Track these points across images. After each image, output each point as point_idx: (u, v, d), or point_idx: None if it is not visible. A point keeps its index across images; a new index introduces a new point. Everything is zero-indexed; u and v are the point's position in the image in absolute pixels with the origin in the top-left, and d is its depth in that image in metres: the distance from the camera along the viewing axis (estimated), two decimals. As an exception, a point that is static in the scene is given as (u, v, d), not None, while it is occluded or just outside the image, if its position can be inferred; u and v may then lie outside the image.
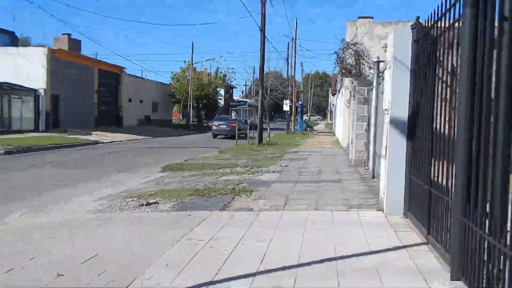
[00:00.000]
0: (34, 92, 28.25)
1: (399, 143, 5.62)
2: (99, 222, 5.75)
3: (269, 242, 4.49)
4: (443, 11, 4.49)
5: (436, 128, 4.87)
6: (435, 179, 4.63)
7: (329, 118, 77.94)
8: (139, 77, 44.35)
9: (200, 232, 4.98)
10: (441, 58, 5.03)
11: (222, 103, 62.88)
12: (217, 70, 51.38)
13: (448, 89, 4.68)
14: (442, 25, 4.62)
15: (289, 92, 38.27)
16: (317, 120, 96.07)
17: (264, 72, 27.39)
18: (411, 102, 5.53)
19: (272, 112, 69.40)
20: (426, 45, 5.13)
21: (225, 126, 29.84)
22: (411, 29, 5.57)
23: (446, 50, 4.70)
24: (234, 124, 25.60)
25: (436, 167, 4.57)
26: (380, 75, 9.02)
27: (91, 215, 6.29)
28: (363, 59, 19.69)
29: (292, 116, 39.02)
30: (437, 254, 3.95)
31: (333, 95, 49.29)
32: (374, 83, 9.15)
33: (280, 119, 77.09)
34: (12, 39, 37.46)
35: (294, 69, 37.46)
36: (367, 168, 10.85)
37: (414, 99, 5.48)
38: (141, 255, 4.17)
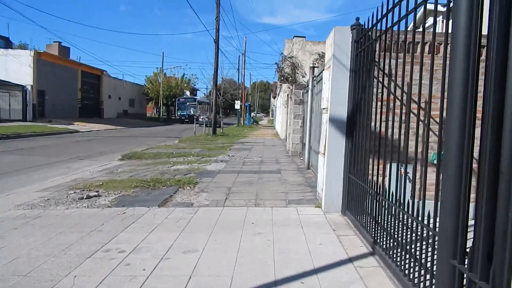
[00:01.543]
0: (22, 87, 25.05)
1: (337, 141, 4.21)
2: (21, 221, 3.92)
3: (199, 255, 2.92)
4: (383, 14, 3.15)
5: (374, 127, 3.54)
6: (373, 178, 3.28)
7: (271, 115, 77.02)
8: (117, 79, 40.84)
9: (124, 239, 3.32)
10: (379, 60, 3.73)
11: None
12: (183, 76, 48.78)
13: (386, 90, 3.40)
14: (380, 28, 3.34)
15: (239, 95, 36.58)
16: (262, 117, 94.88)
17: (220, 78, 25.60)
18: (350, 101, 4.14)
19: (228, 110, 67.39)
20: (366, 45, 3.75)
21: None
22: (351, 29, 4.15)
23: (384, 52, 3.36)
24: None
25: (376, 166, 3.22)
26: (314, 79, 7.63)
27: (20, 211, 4.41)
28: (298, 69, 18.49)
29: (242, 113, 37.47)
30: (391, 274, 2.57)
31: (274, 98, 48.22)
32: (310, 86, 7.75)
33: (234, 115, 75.54)
34: (7, 44, 33.13)
35: (244, 76, 35.89)
36: (301, 158, 9.52)
37: (353, 98, 4.09)
38: (31, 279, 2.48)
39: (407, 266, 2.37)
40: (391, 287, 2.40)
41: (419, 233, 2.28)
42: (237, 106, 32.01)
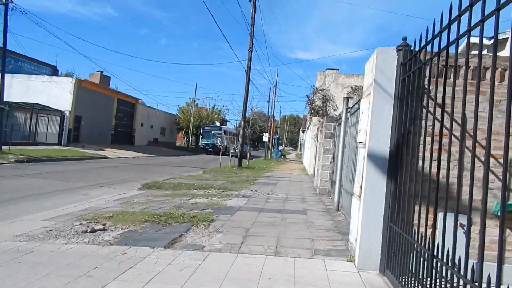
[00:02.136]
0: (60, 112, 26.15)
1: (377, 181, 3.52)
2: (10, 256, 3.47)
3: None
4: (436, 32, 2.60)
5: (422, 167, 2.87)
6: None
7: (299, 149, 76.16)
8: (151, 107, 42.12)
9: (113, 291, 2.75)
10: (429, 87, 3.13)
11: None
12: (214, 106, 49.63)
13: (437, 123, 2.76)
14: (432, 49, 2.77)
15: (268, 127, 36.38)
16: (290, 151, 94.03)
17: (249, 110, 25.52)
18: (393, 135, 3.49)
19: (256, 142, 67.31)
20: (415, 69, 3.17)
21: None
22: (397, 50, 3.58)
23: (436, 78, 2.77)
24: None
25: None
26: (348, 110, 7.03)
27: (16, 242, 3.99)
28: (329, 102, 17.94)
29: (270, 146, 37.07)
30: None
31: (303, 131, 47.65)
32: (343, 118, 7.14)
33: (262, 148, 75.34)
34: (54, 72, 35.39)
35: (273, 109, 35.85)
36: (330, 197, 8.72)
37: (397, 131, 3.44)
38: None
39: None
40: None
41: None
42: (265, 138, 31.65)
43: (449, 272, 2.33)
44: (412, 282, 2.80)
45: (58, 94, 26.45)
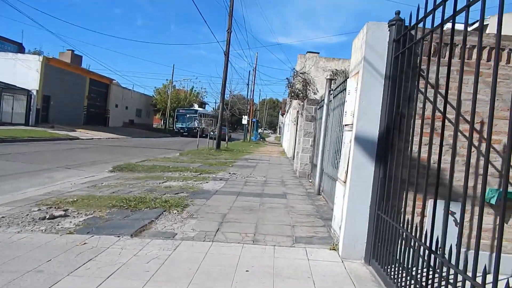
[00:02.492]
0: (27, 92, 24.67)
1: (365, 167, 3.25)
2: None
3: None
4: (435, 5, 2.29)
5: (410, 151, 2.62)
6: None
7: (278, 132, 76.23)
8: (126, 88, 40.57)
9: (65, 289, 2.37)
10: (421, 65, 2.85)
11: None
12: (192, 88, 48.49)
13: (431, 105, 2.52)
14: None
15: (247, 110, 35.90)
16: (269, 133, 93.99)
17: (228, 92, 24.94)
18: (384, 117, 3.20)
19: (235, 125, 66.67)
20: (409, 46, 2.88)
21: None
22: (389, 25, 3.26)
23: (428, 57, 2.50)
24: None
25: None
26: (331, 92, 6.74)
27: (-42, 232, 3.51)
28: (309, 85, 17.68)
29: (250, 128, 36.71)
30: None
31: (282, 115, 47.46)
32: (325, 100, 6.85)
33: (241, 131, 74.81)
34: (20, 49, 33.20)
35: (253, 92, 35.32)
36: (310, 181, 8.52)
37: (388, 113, 3.16)
38: None
39: None
40: None
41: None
42: (245, 121, 31.23)
43: (438, 261, 2.11)
44: (400, 272, 2.58)
45: (24, 72, 24.86)
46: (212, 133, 18.82)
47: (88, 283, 2.46)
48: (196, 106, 64.31)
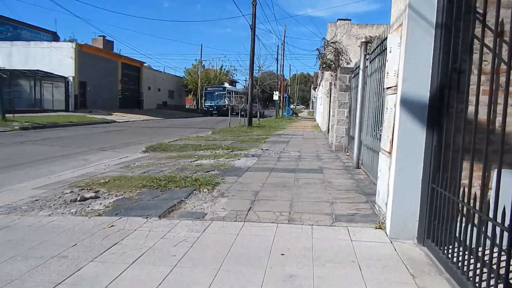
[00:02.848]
0: (64, 78, 25.56)
1: (414, 135, 2.80)
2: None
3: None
4: None
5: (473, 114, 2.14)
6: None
7: (311, 107, 74.72)
8: (157, 70, 41.07)
9: (89, 275, 2.21)
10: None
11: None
12: (221, 67, 48.12)
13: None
14: None
15: (278, 85, 35.14)
16: (302, 109, 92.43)
17: (257, 68, 24.36)
18: (436, 75, 2.70)
19: (267, 102, 65.91)
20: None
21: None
22: (441, -39, 2.70)
23: None
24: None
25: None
26: (367, 57, 6.14)
27: (-7, 216, 3.51)
28: (341, 55, 16.70)
29: (281, 104, 36.07)
30: None
31: (314, 89, 46.13)
32: (361, 65, 6.27)
33: (273, 107, 73.99)
34: (54, 38, 34.31)
35: (283, 67, 34.36)
36: (348, 154, 8.04)
37: (442, 70, 2.66)
38: None
39: None
40: None
41: None
42: (276, 97, 30.64)
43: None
44: (460, 252, 2.18)
45: (59, 60, 25.68)
46: (242, 111, 18.58)
47: (111, 269, 2.29)
48: (226, 84, 64.22)
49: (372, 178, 4.93)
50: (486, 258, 1.96)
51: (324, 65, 17.02)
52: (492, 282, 1.85)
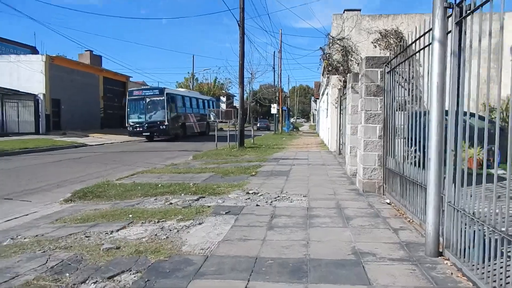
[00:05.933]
0: (33, 96, 22.63)
1: None
2: None
3: None
4: None
5: None
6: None
7: (312, 120, 71.90)
8: (144, 84, 38.29)
9: None
10: None
11: (224, 107, 56.44)
12: (215, 80, 45.42)
13: None
14: None
15: (276, 97, 32.24)
16: (302, 122, 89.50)
17: (251, 76, 21.49)
18: None
19: (267, 116, 62.97)
20: None
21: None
22: None
23: None
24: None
25: None
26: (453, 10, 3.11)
27: None
28: (351, 54, 13.75)
29: (280, 118, 33.12)
30: None
31: (316, 100, 43.23)
32: (436, 31, 3.24)
33: (273, 121, 70.73)
34: (34, 53, 31.72)
35: (280, 76, 31.48)
36: (388, 202, 4.93)
37: None
38: None
39: None
40: None
41: None
42: (274, 110, 27.68)
43: None
44: None
45: (29, 75, 22.84)
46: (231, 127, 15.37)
47: None
48: (223, 99, 61.19)
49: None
50: None
51: (329, 68, 14.03)
52: None
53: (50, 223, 4.35)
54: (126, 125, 21.06)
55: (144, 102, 20.37)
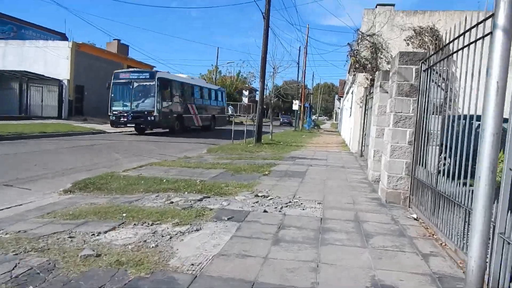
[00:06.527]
0: (58, 82, 22.95)
1: None
2: None
3: None
4: None
5: None
6: None
7: (334, 119, 70.41)
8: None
9: None
10: None
11: (246, 101, 55.91)
12: (239, 73, 45.02)
13: None
14: None
15: (299, 94, 31.47)
16: (324, 120, 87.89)
17: (273, 70, 20.88)
18: None
19: (288, 112, 62.23)
20: None
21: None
22: None
23: None
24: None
25: None
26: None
27: None
28: (381, 52, 12.90)
29: (301, 115, 32.34)
30: None
31: (339, 99, 42.08)
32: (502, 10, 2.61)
33: (294, 118, 69.60)
34: (63, 40, 32.33)
35: (304, 73, 30.66)
36: (415, 217, 4.31)
37: None
38: None
39: None
40: None
41: None
42: (295, 106, 26.98)
43: None
44: None
45: (55, 61, 23.14)
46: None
47: None
48: (245, 93, 60.66)
49: None
50: None
51: (357, 65, 13.23)
52: None
53: (39, 216, 4.01)
54: (109, 113, 17.37)
55: (131, 87, 16.63)
